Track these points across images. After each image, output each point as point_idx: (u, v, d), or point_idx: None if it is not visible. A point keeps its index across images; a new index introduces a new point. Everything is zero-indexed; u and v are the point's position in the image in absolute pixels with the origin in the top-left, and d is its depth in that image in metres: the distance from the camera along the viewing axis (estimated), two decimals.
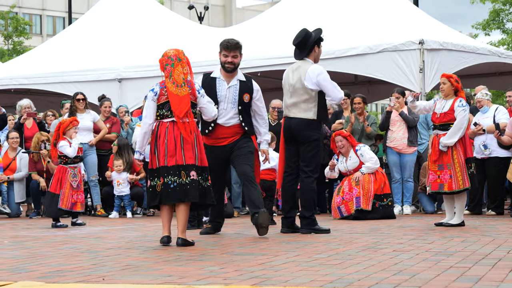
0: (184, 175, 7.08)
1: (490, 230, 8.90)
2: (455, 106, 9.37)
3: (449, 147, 9.30)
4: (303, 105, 8.58)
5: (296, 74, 8.66)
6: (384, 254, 6.27)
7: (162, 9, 18.97)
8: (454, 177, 9.26)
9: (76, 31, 18.00)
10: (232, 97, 8.42)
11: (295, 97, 8.63)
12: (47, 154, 12.69)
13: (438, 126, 9.46)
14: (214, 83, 8.44)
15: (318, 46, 8.83)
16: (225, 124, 8.43)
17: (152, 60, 15.37)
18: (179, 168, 7.09)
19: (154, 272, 5.34)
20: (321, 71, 8.60)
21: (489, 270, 5.22)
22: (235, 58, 8.38)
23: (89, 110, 12.90)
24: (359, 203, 11.10)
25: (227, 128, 8.44)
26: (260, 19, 16.85)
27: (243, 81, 8.53)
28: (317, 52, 8.83)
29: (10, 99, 16.76)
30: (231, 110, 8.43)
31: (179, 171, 7.08)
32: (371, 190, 11.14)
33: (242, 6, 76.28)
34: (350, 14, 14.82)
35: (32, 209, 13.25)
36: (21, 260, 6.19)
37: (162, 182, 7.11)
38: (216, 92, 8.38)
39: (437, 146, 9.37)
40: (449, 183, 9.28)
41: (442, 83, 9.61)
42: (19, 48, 39.77)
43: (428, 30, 14.09)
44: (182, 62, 7.30)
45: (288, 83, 8.74)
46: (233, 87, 8.46)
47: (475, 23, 33.33)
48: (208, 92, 7.94)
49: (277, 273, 5.20)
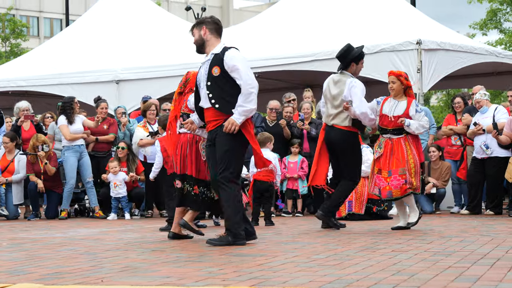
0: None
1: (489, 230, 8.91)
2: (411, 111, 8.90)
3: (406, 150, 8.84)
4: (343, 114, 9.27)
5: (338, 86, 9.32)
6: (382, 254, 6.27)
7: (159, 10, 18.97)
8: (409, 181, 8.76)
9: (73, 33, 18.00)
10: (205, 74, 7.48)
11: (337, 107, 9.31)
12: (45, 155, 12.69)
13: (391, 130, 8.99)
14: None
15: (356, 63, 9.37)
16: (202, 106, 7.53)
17: (150, 62, 15.41)
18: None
19: (152, 273, 5.33)
20: (356, 84, 9.21)
21: (488, 270, 5.22)
22: (193, 37, 7.69)
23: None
24: (351, 207, 11.10)
25: (206, 111, 7.48)
26: (258, 20, 16.86)
27: (216, 54, 7.46)
28: (355, 68, 9.38)
29: (8, 101, 16.75)
30: (203, 89, 7.48)
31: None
32: (364, 194, 11.14)
33: (239, 7, 76.24)
34: (348, 15, 14.83)
35: (30, 211, 13.23)
36: (20, 262, 6.18)
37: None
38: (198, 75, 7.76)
39: (388, 152, 8.91)
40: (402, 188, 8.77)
41: (391, 82, 9.11)
42: (16, 50, 39.72)
43: (426, 30, 14.10)
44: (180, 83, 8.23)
45: (330, 94, 9.38)
46: (206, 62, 7.55)
47: (473, 23, 33.38)
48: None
49: (276, 274, 5.20)
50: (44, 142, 12.76)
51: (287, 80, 16.77)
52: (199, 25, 7.71)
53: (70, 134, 12.73)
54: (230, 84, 7.34)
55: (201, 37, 7.60)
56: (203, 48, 7.64)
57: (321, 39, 14.28)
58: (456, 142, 12.91)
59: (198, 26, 7.70)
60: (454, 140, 12.95)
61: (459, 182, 12.87)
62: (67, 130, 12.73)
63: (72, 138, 12.75)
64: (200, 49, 7.67)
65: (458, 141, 12.91)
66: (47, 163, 12.70)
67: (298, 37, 14.67)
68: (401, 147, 8.90)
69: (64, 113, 12.81)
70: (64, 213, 12.76)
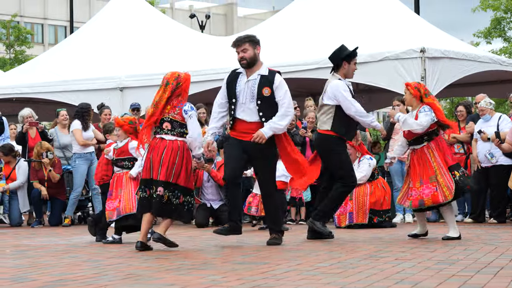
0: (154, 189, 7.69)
1: (492, 238, 8.89)
2: (418, 115, 8.87)
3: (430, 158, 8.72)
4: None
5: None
6: (386, 263, 6.27)
7: (164, 18, 18.99)
8: (439, 188, 8.64)
9: (77, 40, 18.01)
10: (250, 92, 8.26)
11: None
12: (49, 162, 12.71)
13: (412, 141, 8.94)
14: (236, 78, 8.42)
15: (348, 62, 9.06)
16: (244, 119, 8.30)
17: (154, 69, 15.40)
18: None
19: (156, 281, 5.33)
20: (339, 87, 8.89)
21: (492, 279, 5.21)
22: (245, 53, 8.30)
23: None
24: (352, 218, 11.07)
25: (248, 123, 8.27)
26: (262, 28, 16.84)
27: (264, 75, 8.34)
28: (347, 68, 9.07)
29: (12, 108, 16.75)
30: (250, 105, 8.25)
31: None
32: (367, 204, 11.10)
33: (243, 15, 76.34)
34: (351, 22, 14.82)
35: (33, 218, 13.24)
36: (23, 269, 6.19)
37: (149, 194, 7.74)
38: (236, 87, 8.35)
39: (416, 162, 8.82)
40: (434, 196, 8.63)
41: (404, 93, 9.20)
42: (20, 57, 39.82)
43: (430, 38, 14.09)
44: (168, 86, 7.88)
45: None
46: (252, 81, 8.31)
47: (477, 31, 33.42)
48: (229, 86, 8.36)
49: (279, 282, 5.19)
50: (48, 149, 12.79)
51: (291, 88, 16.67)
52: (254, 43, 8.36)
53: (83, 140, 12.77)
54: (275, 105, 8.27)
55: (255, 55, 8.33)
56: (252, 66, 8.31)
57: (325, 47, 14.21)
58: (459, 150, 12.90)
59: (253, 44, 8.36)
60: (457, 148, 12.93)
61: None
62: (81, 135, 12.76)
63: (84, 144, 12.79)
64: (249, 65, 8.30)
65: (461, 149, 12.89)
66: (51, 170, 12.72)
67: (302, 45, 14.66)
68: (425, 156, 8.83)
69: (80, 118, 12.84)
70: (68, 220, 12.77)
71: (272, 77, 8.32)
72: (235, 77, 8.45)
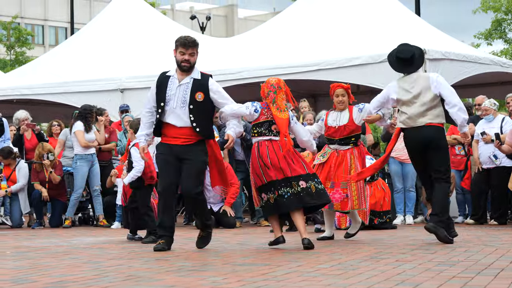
0: (296, 185, 7.97)
1: (493, 240, 8.89)
2: (354, 116, 8.93)
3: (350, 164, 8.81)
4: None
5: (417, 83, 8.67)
6: (386, 264, 6.27)
7: (165, 19, 19.00)
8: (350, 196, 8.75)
9: (78, 41, 18.03)
10: (182, 96, 7.91)
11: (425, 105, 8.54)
12: (50, 164, 12.71)
13: (338, 140, 8.95)
14: (167, 82, 8.09)
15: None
16: (174, 124, 7.93)
17: (155, 70, 15.32)
18: (289, 180, 8.00)
19: (156, 282, 5.33)
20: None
21: (492, 280, 5.21)
22: (192, 57, 8.03)
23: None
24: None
25: (178, 128, 7.90)
26: (262, 29, 16.87)
27: (196, 79, 7.99)
28: None
29: (13, 109, 16.74)
30: (181, 110, 7.88)
31: (290, 182, 7.99)
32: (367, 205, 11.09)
33: (244, 16, 76.36)
34: (352, 24, 14.84)
35: (34, 219, 13.24)
36: (24, 271, 6.19)
37: (277, 194, 8.02)
38: (166, 91, 8.01)
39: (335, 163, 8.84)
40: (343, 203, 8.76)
41: (341, 95, 9.12)
42: (21, 59, 39.83)
43: (430, 40, 14.10)
44: (282, 90, 8.39)
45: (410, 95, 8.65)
46: (184, 85, 7.96)
47: (477, 32, 33.41)
48: (159, 90, 8.04)
49: (280, 283, 5.19)
50: (49, 151, 12.79)
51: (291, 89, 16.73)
52: (197, 49, 8.17)
53: (85, 141, 12.78)
54: (210, 109, 8.06)
55: (195, 60, 8.12)
56: (190, 71, 8.06)
57: (326, 48, 14.28)
58: (460, 152, 12.90)
59: (197, 50, 8.17)
60: (457, 149, 12.94)
61: (463, 192, 12.86)
62: (83, 137, 12.77)
63: (86, 145, 12.80)
64: (189, 70, 8.05)
65: (462, 151, 12.90)
66: (52, 171, 12.73)
67: (303, 47, 14.67)
68: (346, 160, 8.89)
69: (83, 120, 12.85)
70: (68, 222, 12.77)
71: (206, 81, 8.01)
72: (165, 80, 8.13)
